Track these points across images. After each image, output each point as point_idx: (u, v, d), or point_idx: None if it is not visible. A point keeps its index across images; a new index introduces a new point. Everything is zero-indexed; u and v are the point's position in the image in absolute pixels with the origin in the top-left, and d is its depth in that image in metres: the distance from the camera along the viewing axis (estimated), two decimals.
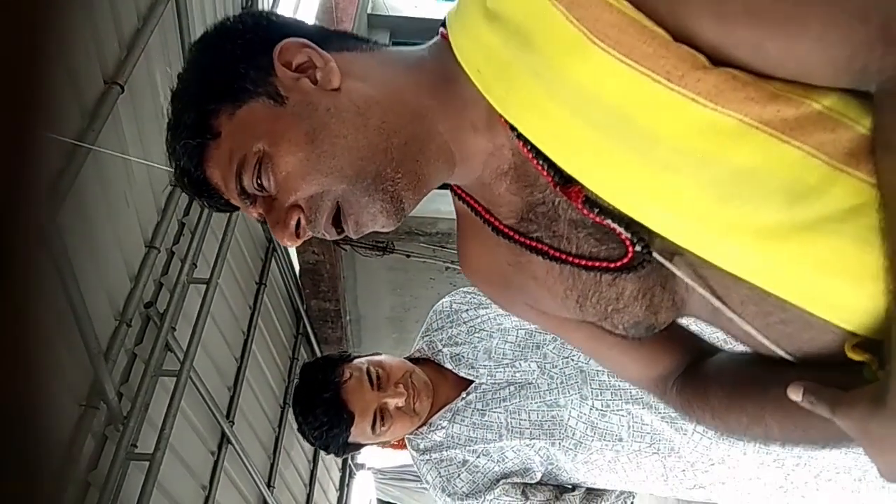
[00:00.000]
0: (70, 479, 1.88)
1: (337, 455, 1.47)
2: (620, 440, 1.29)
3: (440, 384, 1.46)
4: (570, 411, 1.32)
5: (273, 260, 3.95)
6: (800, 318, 0.60)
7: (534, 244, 0.70)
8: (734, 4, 0.52)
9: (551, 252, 0.69)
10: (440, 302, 1.59)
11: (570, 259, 0.68)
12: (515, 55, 0.59)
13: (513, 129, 0.62)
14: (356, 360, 1.45)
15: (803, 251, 0.55)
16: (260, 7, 3.53)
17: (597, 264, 0.67)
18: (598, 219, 0.63)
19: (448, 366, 1.46)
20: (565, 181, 0.62)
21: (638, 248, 0.63)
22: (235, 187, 0.67)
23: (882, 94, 0.51)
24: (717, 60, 0.53)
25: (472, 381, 1.44)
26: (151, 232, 2.39)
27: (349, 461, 6.04)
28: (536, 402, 1.35)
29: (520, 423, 1.36)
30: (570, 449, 1.34)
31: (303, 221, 0.67)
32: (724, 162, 0.54)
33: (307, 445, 4.68)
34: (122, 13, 2.02)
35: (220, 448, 3.05)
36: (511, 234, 0.71)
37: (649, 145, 0.56)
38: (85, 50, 1.82)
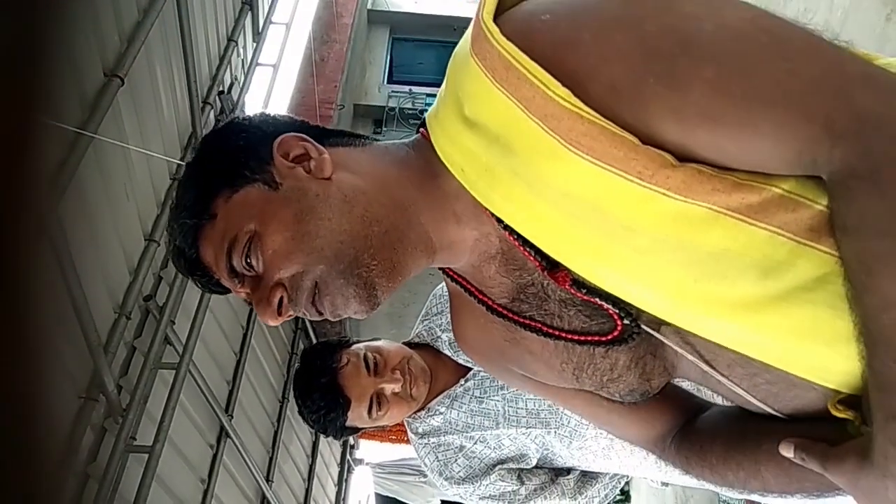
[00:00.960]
0: (69, 470, 1.89)
1: (336, 438, 1.49)
2: None
3: (439, 369, 1.47)
4: None
5: None
6: (784, 378, 0.63)
7: (527, 322, 0.73)
8: (692, 109, 0.56)
9: (544, 329, 0.72)
10: (440, 286, 1.59)
11: (563, 335, 0.72)
12: (496, 159, 0.63)
13: (499, 220, 0.67)
14: (354, 346, 1.46)
15: (779, 321, 0.59)
16: (259, 7, 3.52)
17: (589, 338, 0.71)
18: (586, 297, 0.67)
19: (447, 352, 1.46)
20: (552, 266, 0.66)
21: (626, 321, 0.67)
22: (226, 266, 0.71)
23: (832, 184, 0.55)
24: (683, 157, 0.57)
25: (470, 368, 1.44)
26: (151, 225, 2.39)
27: (348, 456, 6.05)
28: None
29: (516, 412, 1.38)
30: (566, 437, 1.35)
31: (285, 300, 0.71)
32: (697, 246, 0.59)
33: (306, 440, 4.69)
34: (123, 6, 2.02)
35: (218, 441, 3.05)
36: (505, 312, 0.74)
37: (627, 234, 0.60)
38: (85, 42, 1.82)
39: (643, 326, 0.67)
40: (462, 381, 1.44)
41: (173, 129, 2.56)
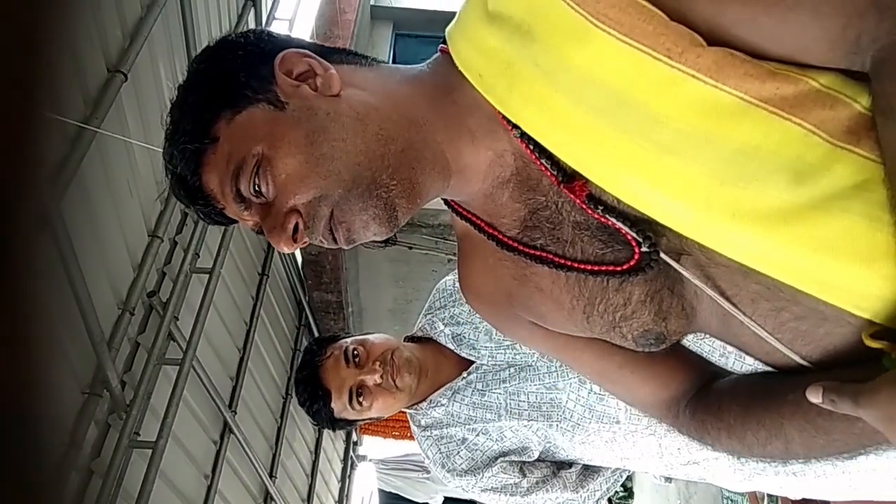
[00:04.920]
0: (73, 466, 1.90)
1: (331, 430, 1.54)
2: (618, 422, 1.30)
3: (441, 362, 1.48)
4: (568, 394, 1.33)
5: (275, 251, 3.96)
6: (813, 311, 0.59)
7: (538, 253, 0.69)
8: None
9: (556, 260, 0.68)
10: (443, 280, 1.60)
11: (576, 265, 0.67)
12: (517, 51, 0.60)
13: (514, 128, 0.63)
14: (342, 340, 1.50)
15: (811, 232, 0.55)
16: (262, 3, 3.52)
17: (603, 268, 0.66)
18: (601, 217, 0.62)
19: (449, 345, 1.47)
20: (568, 179, 0.62)
21: (644, 247, 0.62)
22: (232, 192, 0.67)
23: (878, 63, 0.51)
24: (713, 41, 0.53)
25: (473, 361, 1.45)
26: (155, 221, 2.39)
27: (351, 452, 6.06)
28: (535, 385, 1.36)
29: (518, 405, 1.38)
30: (568, 430, 1.36)
31: (301, 226, 0.66)
32: (725, 141, 0.54)
33: (309, 436, 4.70)
34: (126, 2, 2.02)
35: (222, 437, 3.06)
36: (514, 245, 0.70)
37: (651, 127, 0.56)
38: (88, 38, 1.82)
39: (662, 255, 0.62)
40: (464, 374, 1.45)
41: None
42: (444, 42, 0.70)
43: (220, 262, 2.80)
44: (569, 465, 1.47)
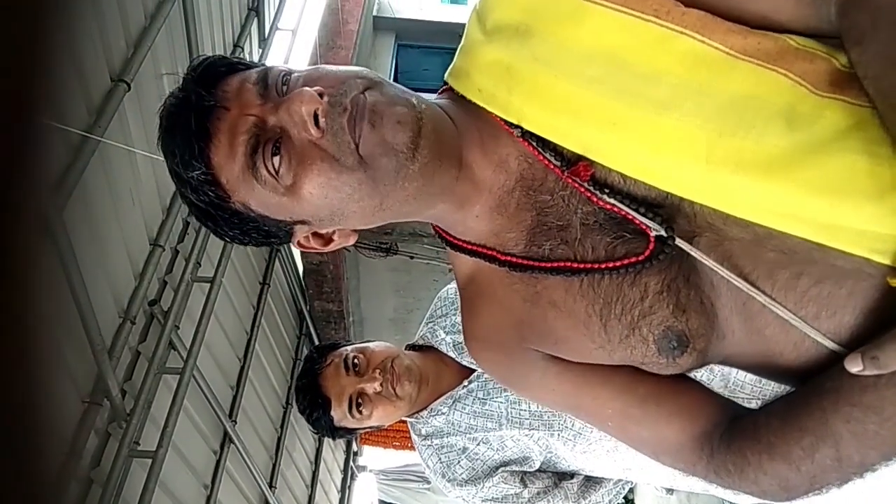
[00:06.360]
0: (73, 475, 1.89)
1: (332, 438, 1.53)
2: None
3: (442, 371, 1.48)
4: None
5: (277, 260, 3.96)
6: (831, 268, 0.58)
7: (549, 265, 0.68)
8: None
9: (568, 265, 0.67)
10: (445, 288, 1.60)
11: (588, 265, 0.66)
12: (516, 53, 0.64)
13: (516, 128, 0.65)
14: (342, 348, 1.49)
15: (814, 175, 0.56)
16: (265, 13, 3.54)
17: (616, 263, 0.65)
18: (609, 205, 0.63)
19: (450, 354, 1.47)
20: (572, 164, 0.64)
21: (655, 231, 0.62)
22: (258, 80, 0.65)
23: (840, 5, 0.55)
24: (690, 4, 0.59)
25: (474, 370, 1.44)
26: (156, 230, 2.40)
27: (351, 463, 6.03)
28: None
29: (520, 414, 1.37)
30: (569, 440, 1.35)
31: (322, 107, 0.62)
32: (718, 92, 0.58)
33: (309, 446, 4.69)
34: (130, 11, 2.03)
35: (222, 447, 3.05)
36: (523, 261, 0.70)
37: (646, 86, 0.60)
38: (92, 47, 1.83)
39: (676, 240, 0.62)
40: (465, 383, 1.44)
41: None
42: (444, 84, 0.74)
43: (221, 272, 2.80)
44: (570, 475, 1.47)
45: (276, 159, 0.64)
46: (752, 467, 0.66)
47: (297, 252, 4.23)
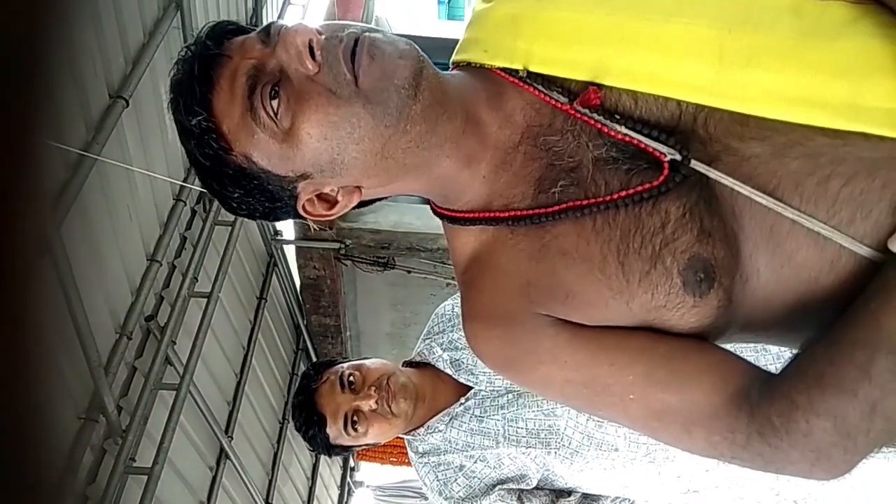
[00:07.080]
0: (68, 491, 1.87)
1: (328, 455, 1.53)
2: (616, 450, 1.29)
3: (439, 388, 1.47)
4: (566, 421, 1.33)
5: (274, 275, 3.95)
6: (860, 162, 0.56)
7: (559, 207, 0.65)
8: None
9: (580, 203, 0.64)
10: (442, 305, 1.60)
11: (601, 200, 0.63)
12: (519, 2, 0.69)
13: (517, 75, 0.68)
14: (339, 365, 1.49)
15: (831, 57, 0.56)
16: (265, 20, 3.56)
17: (631, 191, 0.62)
18: (620, 134, 0.63)
19: (447, 371, 1.47)
20: (577, 95, 0.65)
21: (670, 155, 0.61)
22: (260, 36, 0.67)
23: None
24: None
25: (471, 387, 1.44)
26: (153, 245, 2.39)
27: (348, 479, 5.99)
28: (534, 411, 1.35)
29: (516, 432, 1.37)
30: (566, 458, 1.35)
31: (321, 38, 0.64)
32: None
33: (306, 462, 4.66)
34: (128, 28, 2.05)
35: (218, 463, 3.03)
36: (532, 212, 0.67)
37: None
38: (91, 64, 1.84)
39: (692, 162, 0.61)
40: (462, 400, 1.44)
41: (177, 150, 2.57)
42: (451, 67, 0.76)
43: (218, 287, 2.80)
44: (568, 493, 1.46)
45: (276, 102, 0.64)
46: (800, 410, 0.57)
47: (294, 266, 4.22)
